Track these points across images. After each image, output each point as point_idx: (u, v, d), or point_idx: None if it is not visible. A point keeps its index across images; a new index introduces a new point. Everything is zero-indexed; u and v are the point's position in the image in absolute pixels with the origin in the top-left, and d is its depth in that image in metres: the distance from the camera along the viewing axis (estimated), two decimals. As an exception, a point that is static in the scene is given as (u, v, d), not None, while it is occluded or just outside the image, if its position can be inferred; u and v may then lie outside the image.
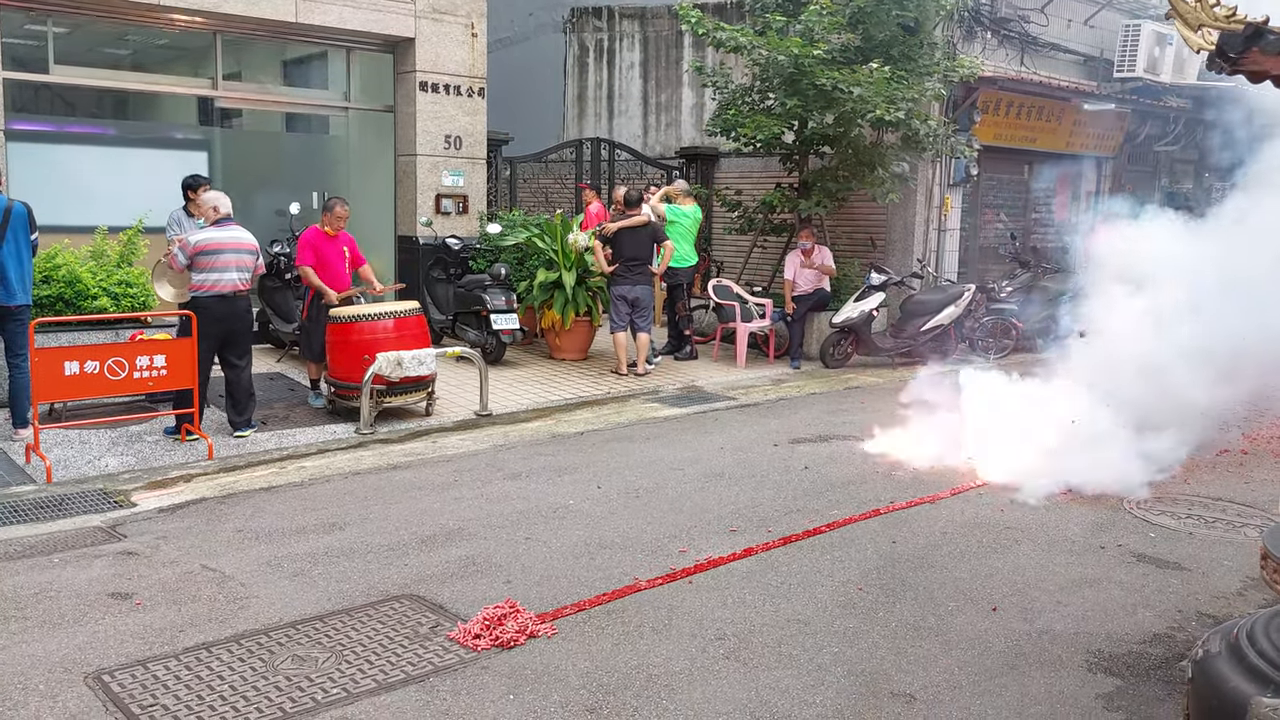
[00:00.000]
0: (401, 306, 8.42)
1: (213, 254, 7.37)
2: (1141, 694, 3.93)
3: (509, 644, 4.21)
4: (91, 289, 8.10)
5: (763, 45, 10.82)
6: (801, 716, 3.71)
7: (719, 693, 3.87)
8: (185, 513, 5.96)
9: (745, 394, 9.84)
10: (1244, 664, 2.20)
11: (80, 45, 10.84)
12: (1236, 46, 2.00)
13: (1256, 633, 2.28)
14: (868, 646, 4.29)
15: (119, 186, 10.24)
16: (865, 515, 6.04)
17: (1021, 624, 4.56)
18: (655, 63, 16.91)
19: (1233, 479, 7.06)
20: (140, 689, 3.79)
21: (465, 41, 12.20)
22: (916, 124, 11.25)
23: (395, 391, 8.08)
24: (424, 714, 3.66)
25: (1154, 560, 5.43)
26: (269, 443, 7.50)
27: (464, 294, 10.92)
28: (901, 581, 5.01)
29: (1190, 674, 2.34)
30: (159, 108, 11.86)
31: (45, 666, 3.97)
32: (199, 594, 4.71)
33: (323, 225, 8.33)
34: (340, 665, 4.02)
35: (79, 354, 6.87)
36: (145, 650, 4.12)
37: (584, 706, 3.74)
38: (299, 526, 5.70)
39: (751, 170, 14.33)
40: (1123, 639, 4.44)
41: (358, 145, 12.85)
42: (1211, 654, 2.29)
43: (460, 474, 6.86)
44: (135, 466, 6.85)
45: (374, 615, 4.51)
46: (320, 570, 5.03)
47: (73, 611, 4.49)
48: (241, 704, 3.70)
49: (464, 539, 5.52)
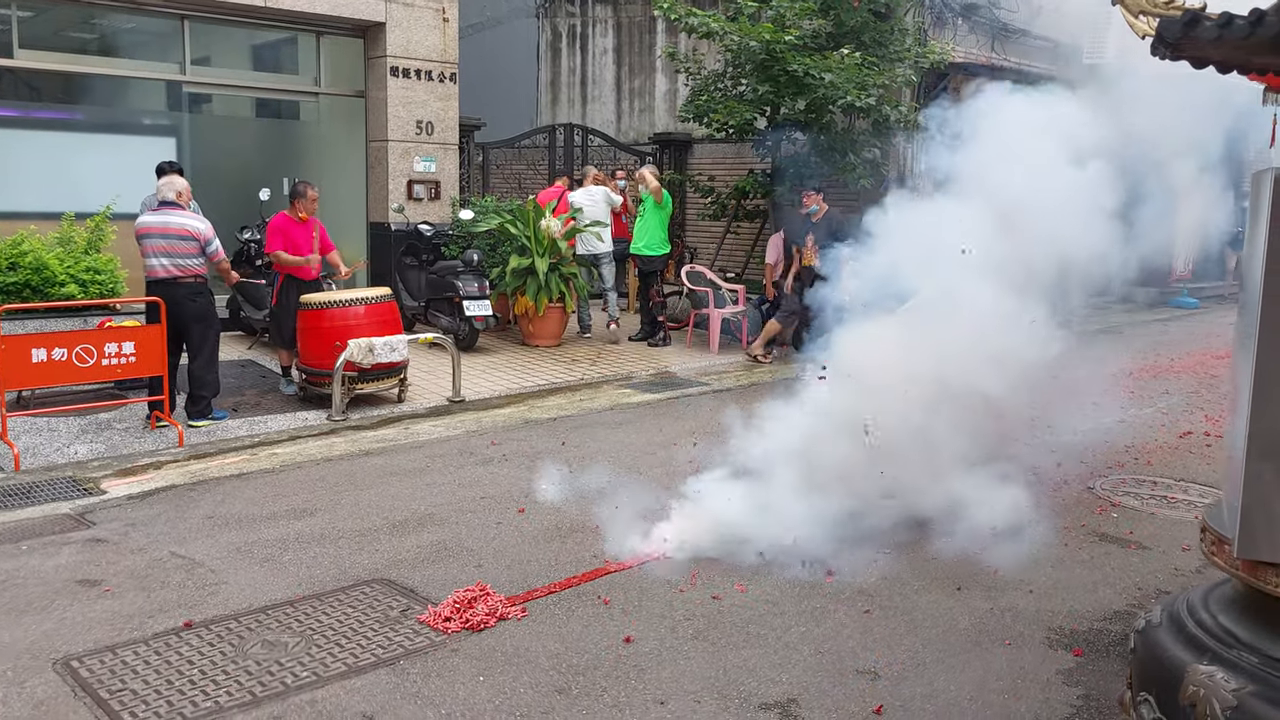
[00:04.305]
0: (373, 293, 8.40)
1: (143, 239, 7.31)
2: (1100, 669, 4.01)
3: (479, 626, 4.23)
4: (59, 276, 8.01)
5: (735, 31, 10.84)
6: (768, 694, 3.76)
7: (687, 671, 3.92)
8: (155, 500, 5.93)
9: (718, 379, 9.88)
10: (1183, 633, 2.26)
11: (45, 29, 10.69)
12: (1175, 33, 2.05)
13: (1195, 604, 2.35)
14: (833, 625, 4.35)
15: (86, 172, 10.14)
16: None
17: (984, 602, 4.64)
18: (628, 48, 16.89)
19: (1195, 460, 7.18)
20: (109, 674, 3.80)
21: (437, 26, 12.13)
22: (888, 110, 11.31)
23: (367, 378, 8.07)
24: (394, 696, 3.68)
25: (1116, 540, 5.52)
26: (240, 429, 7.47)
27: (436, 280, 10.89)
28: (870, 559, 5.06)
29: (1133, 644, 2.40)
30: (127, 93, 11.71)
31: (12, 654, 3.96)
32: (168, 580, 4.71)
33: (295, 211, 8.28)
34: (310, 649, 4.03)
35: (46, 341, 6.81)
36: (114, 636, 4.12)
37: (554, 687, 3.77)
38: (270, 513, 5.69)
39: (725, 156, 14.37)
40: (1083, 616, 4.52)
41: (329, 131, 12.77)
42: (1153, 624, 2.36)
43: (432, 460, 6.87)
44: (105, 454, 6.81)
45: (344, 600, 4.52)
46: (290, 556, 5.03)
47: (40, 598, 4.48)
48: (211, 688, 3.71)
49: (435, 524, 5.54)
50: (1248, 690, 2.09)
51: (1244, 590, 2.27)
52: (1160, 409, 8.67)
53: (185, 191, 7.47)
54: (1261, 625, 2.18)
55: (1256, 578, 2.16)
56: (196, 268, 7.33)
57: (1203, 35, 2.00)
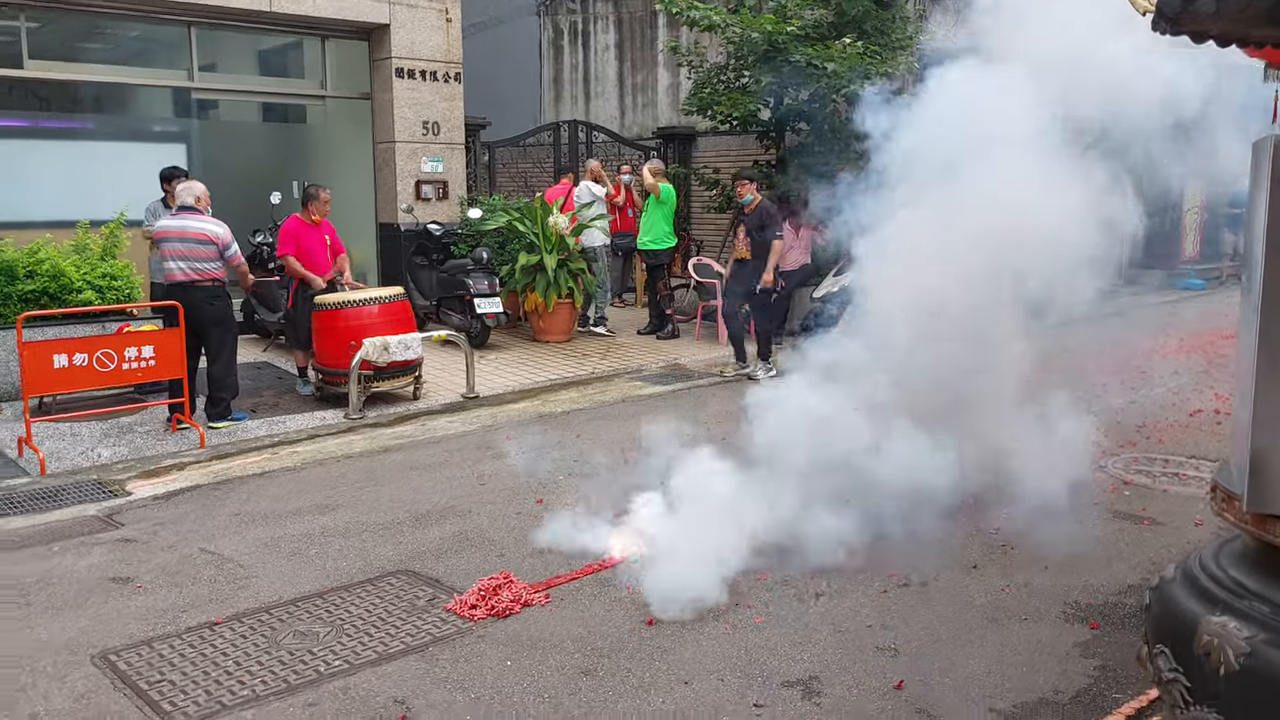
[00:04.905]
0: (386, 292, 8.49)
1: (161, 242, 7.41)
2: (1116, 641, 4.09)
3: (504, 613, 4.32)
4: (76, 283, 8.13)
5: (736, 23, 10.90)
6: (790, 672, 3.84)
7: (710, 652, 4.00)
8: (180, 499, 6.04)
9: (727, 369, 9.95)
10: (1196, 587, 2.35)
11: (54, 40, 10.80)
12: (1174, 8, 2.13)
13: (1207, 560, 2.44)
14: (851, 606, 4.43)
15: (98, 180, 10.25)
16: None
17: (1000, 580, 4.71)
18: (630, 44, 16.95)
19: (1206, 438, 7.23)
20: (147, 666, 3.90)
21: (440, 27, 12.22)
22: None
23: (383, 376, 8.16)
24: (425, 681, 3.77)
25: (1129, 516, 5.59)
26: (260, 430, 7.57)
27: (447, 279, 10.99)
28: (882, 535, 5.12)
29: (1148, 600, 2.49)
30: (136, 101, 11.83)
31: (52, 649, 4.06)
32: (199, 576, 4.81)
33: (309, 214, 8.37)
34: (341, 638, 4.13)
35: (68, 347, 6.92)
36: (149, 630, 4.22)
37: (580, 669, 3.86)
38: (294, 509, 5.79)
39: (729, 148, 14.40)
40: (1099, 590, 4.59)
41: (336, 133, 12.86)
42: (1167, 580, 2.45)
43: (450, 454, 6.96)
44: (128, 456, 6.91)
45: (371, 590, 4.62)
46: (317, 550, 5.13)
47: (75, 596, 4.58)
48: (247, 677, 3.80)
49: (456, 516, 5.63)
50: (1260, 638, 2.18)
51: (1253, 544, 2.36)
52: (1170, 389, 8.72)
53: (204, 196, 7.55)
54: (1271, 576, 2.28)
55: (1265, 531, 2.26)
56: (214, 271, 7.41)
57: (1201, 9, 2.08)
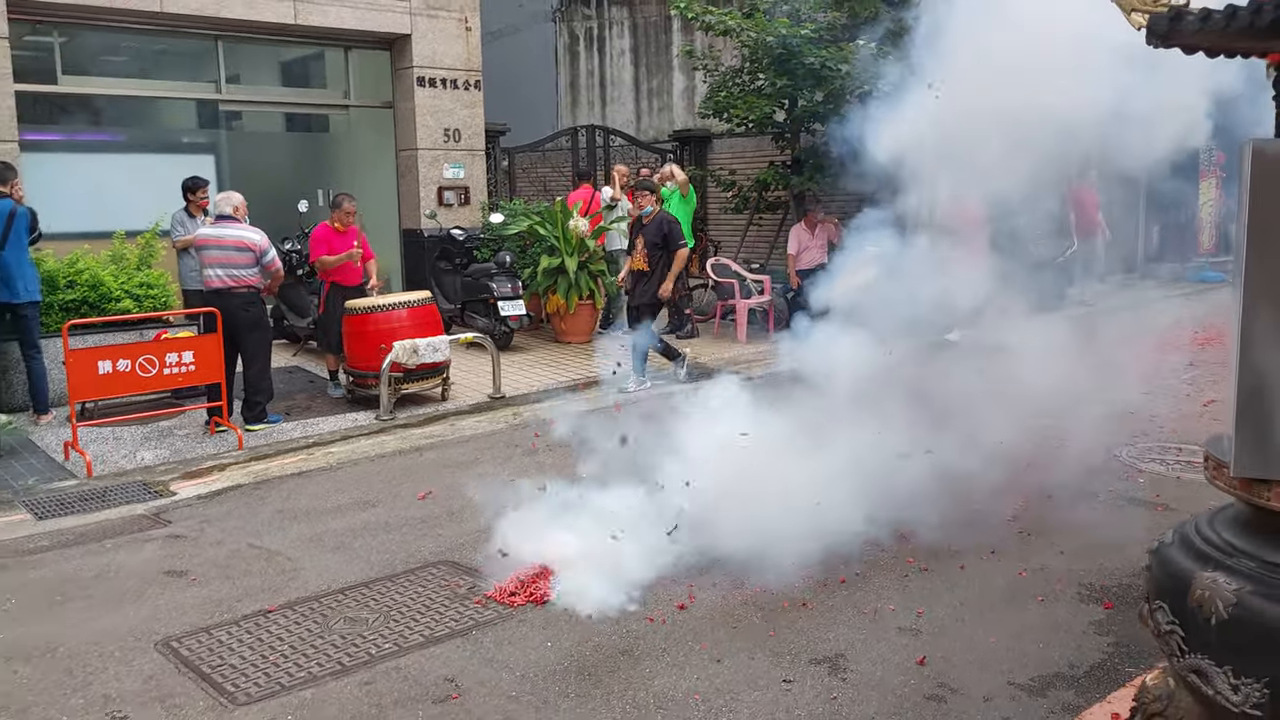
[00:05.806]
0: (414, 296, 8.73)
1: (201, 249, 7.70)
2: (1130, 618, 4.25)
3: (542, 600, 4.53)
4: (114, 291, 8.41)
5: (751, 27, 11.10)
6: (817, 650, 4.03)
7: (740, 632, 4.20)
8: (224, 498, 6.28)
9: (747, 367, 10.13)
10: (1191, 549, 2.57)
11: (85, 55, 11.11)
12: (1163, 27, 2.34)
13: (1201, 524, 2.67)
14: (874, 590, 4.62)
15: (132, 191, 10.51)
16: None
17: (1017, 564, 4.89)
18: (645, 48, 17.17)
19: (1219, 427, 7.32)
20: (207, 651, 4.12)
21: (460, 35, 12.46)
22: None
23: (412, 378, 8.39)
24: (472, 661, 3.99)
25: (1143, 503, 5.75)
26: (294, 431, 7.81)
27: (471, 283, 11.22)
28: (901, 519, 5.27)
29: (1148, 562, 2.72)
30: (165, 113, 12.13)
31: (116, 637, 4.29)
32: (249, 568, 5.04)
33: (332, 222, 8.62)
34: (389, 624, 4.35)
35: (111, 353, 7.18)
36: (207, 619, 4.45)
37: (617, 649, 4.07)
38: (334, 506, 6.02)
39: (744, 150, 14.60)
40: (1113, 573, 4.76)
41: (359, 142, 13.13)
42: (1166, 544, 2.68)
43: (480, 452, 7.18)
44: (170, 459, 7.16)
45: (415, 580, 4.84)
46: (360, 543, 5.35)
47: (133, 589, 4.82)
48: (303, 660, 4.03)
49: (490, 510, 5.83)
50: (1246, 590, 2.44)
51: (1243, 508, 2.58)
52: (1184, 380, 8.85)
53: (241, 206, 7.82)
54: (1257, 535, 2.55)
55: (1250, 494, 2.49)
56: (250, 278, 7.65)
57: (1186, 28, 2.29)
